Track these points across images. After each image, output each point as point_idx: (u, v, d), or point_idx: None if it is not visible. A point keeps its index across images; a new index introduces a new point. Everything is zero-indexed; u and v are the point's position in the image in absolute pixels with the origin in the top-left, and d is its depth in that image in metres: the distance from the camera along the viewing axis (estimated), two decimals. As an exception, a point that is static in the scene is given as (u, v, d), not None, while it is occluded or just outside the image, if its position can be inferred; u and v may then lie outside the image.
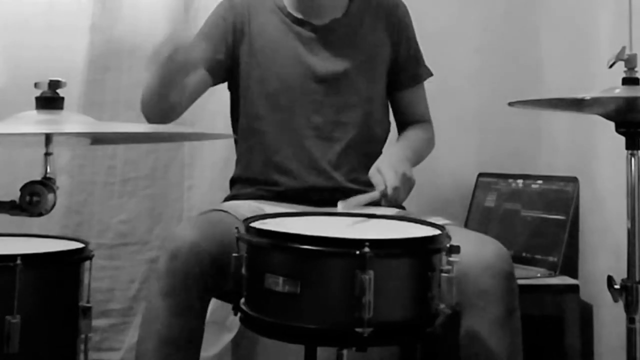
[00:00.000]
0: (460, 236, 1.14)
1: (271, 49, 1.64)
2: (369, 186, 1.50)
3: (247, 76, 1.66)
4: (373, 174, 1.47)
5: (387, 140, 1.75)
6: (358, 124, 1.65)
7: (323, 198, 1.57)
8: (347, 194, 1.47)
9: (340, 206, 1.39)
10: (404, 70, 1.73)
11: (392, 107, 1.76)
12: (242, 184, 1.69)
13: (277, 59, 1.64)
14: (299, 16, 1.66)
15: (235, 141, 1.73)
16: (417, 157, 1.68)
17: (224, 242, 1.27)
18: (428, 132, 1.77)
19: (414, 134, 1.72)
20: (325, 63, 1.64)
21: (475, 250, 1.31)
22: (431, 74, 1.78)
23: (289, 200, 1.59)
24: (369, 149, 1.66)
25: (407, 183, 1.45)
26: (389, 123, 1.76)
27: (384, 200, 1.42)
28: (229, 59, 1.66)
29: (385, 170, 1.45)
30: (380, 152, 1.70)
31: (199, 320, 1.34)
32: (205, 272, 1.30)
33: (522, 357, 1.34)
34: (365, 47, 1.68)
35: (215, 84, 1.67)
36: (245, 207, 1.52)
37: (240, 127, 1.68)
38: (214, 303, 1.40)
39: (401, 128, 1.77)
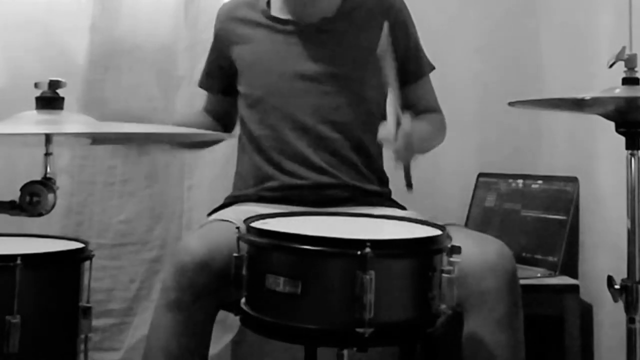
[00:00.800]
0: (463, 236, 1.14)
1: (259, 54, 1.65)
2: (367, 182, 1.51)
3: (241, 83, 1.68)
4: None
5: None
6: (353, 123, 1.64)
7: (324, 198, 1.58)
8: (347, 191, 1.47)
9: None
10: (406, 66, 1.71)
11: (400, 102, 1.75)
12: (243, 185, 1.69)
13: (266, 63, 1.65)
14: (287, 17, 1.66)
15: (239, 140, 1.74)
16: (429, 133, 1.64)
17: (230, 254, 1.27)
18: (440, 119, 1.75)
19: (426, 116, 1.71)
20: (314, 63, 1.63)
21: (478, 250, 1.31)
22: (433, 67, 1.77)
23: (290, 201, 1.58)
24: (365, 146, 1.67)
25: (410, 141, 1.39)
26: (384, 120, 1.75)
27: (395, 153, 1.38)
28: (227, 77, 1.72)
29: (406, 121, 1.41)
30: (380, 149, 1.70)
31: (206, 334, 1.34)
32: (212, 287, 1.30)
33: (524, 357, 1.34)
34: (358, 45, 1.66)
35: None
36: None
37: (241, 132, 1.72)
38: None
39: None
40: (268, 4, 1.71)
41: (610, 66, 1.31)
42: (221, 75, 1.75)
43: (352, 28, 1.67)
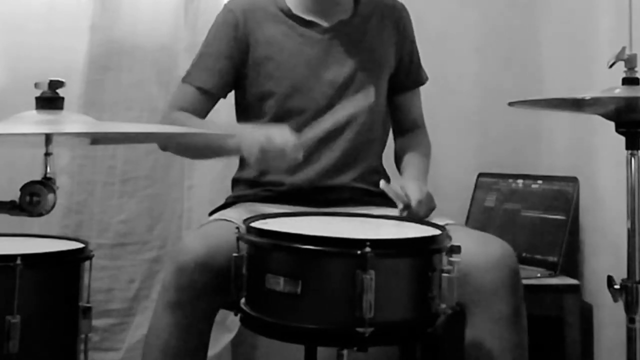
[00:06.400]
0: (465, 235, 1.14)
1: (279, 55, 1.62)
2: (372, 185, 1.51)
3: (257, 84, 1.64)
4: (395, 188, 1.46)
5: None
6: (363, 125, 1.64)
7: (328, 198, 1.58)
8: (350, 192, 1.47)
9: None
10: (406, 74, 1.73)
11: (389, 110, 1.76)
12: (245, 185, 1.68)
13: (286, 63, 1.62)
14: (307, 17, 1.65)
15: None
16: (426, 172, 1.71)
17: (231, 253, 1.27)
18: (425, 143, 1.76)
19: (418, 155, 1.71)
20: (334, 65, 1.63)
21: (481, 249, 1.31)
22: (427, 78, 1.78)
23: (293, 201, 1.58)
24: (372, 149, 1.67)
25: (430, 202, 1.47)
26: (389, 123, 1.76)
27: (407, 212, 1.42)
28: (235, 74, 1.65)
29: (409, 185, 1.46)
30: (381, 151, 1.71)
31: (205, 334, 1.34)
32: (212, 286, 1.29)
33: (527, 356, 1.34)
34: (372, 49, 1.67)
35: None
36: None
37: None
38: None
39: (397, 132, 1.77)
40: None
41: (610, 66, 1.31)
42: (232, 73, 1.65)
43: (367, 31, 1.67)
